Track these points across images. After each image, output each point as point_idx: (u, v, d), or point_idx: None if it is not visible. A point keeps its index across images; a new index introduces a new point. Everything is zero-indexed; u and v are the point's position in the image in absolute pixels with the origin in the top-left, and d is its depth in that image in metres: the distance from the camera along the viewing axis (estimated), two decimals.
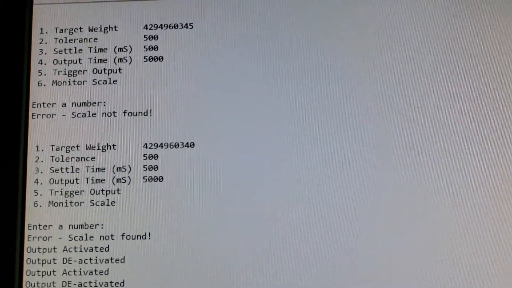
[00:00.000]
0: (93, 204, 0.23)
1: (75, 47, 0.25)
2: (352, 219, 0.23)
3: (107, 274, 0.23)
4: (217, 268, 0.23)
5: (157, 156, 0.24)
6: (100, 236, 0.23)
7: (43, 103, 0.24)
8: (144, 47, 0.25)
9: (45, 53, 0.25)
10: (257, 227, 0.23)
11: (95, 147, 0.24)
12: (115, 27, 0.25)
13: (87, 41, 0.25)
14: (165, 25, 0.25)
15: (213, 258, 0.23)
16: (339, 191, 0.23)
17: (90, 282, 0.23)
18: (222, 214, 0.23)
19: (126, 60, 0.24)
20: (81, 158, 0.24)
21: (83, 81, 0.24)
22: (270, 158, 0.24)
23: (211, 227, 0.23)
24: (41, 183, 0.24)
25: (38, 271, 0.23)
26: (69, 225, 0.23)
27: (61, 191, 0.24)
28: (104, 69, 0.24)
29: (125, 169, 0.24)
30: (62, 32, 0.25)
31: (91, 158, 0.24)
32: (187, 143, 0.24)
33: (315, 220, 0.23)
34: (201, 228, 0.23)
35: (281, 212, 0.23)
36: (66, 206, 0.24)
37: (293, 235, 0.23)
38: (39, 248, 0.23)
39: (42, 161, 0.24)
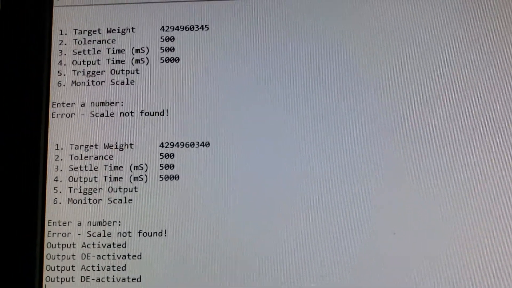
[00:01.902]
0: (111, 201, 0.24)
1: (94, 48, 0.25)
2: (371, 218, 0.23)
3: (124, 269, 0.24)
4: (232, 264, 0.23)
5: (173, 155, 0.24)
6: (118, 233, 0.24)
7: (63, 103, 0.25)
8: (161, 48, 0.25)
9: (65, 54, 0.25)
10: (272, 225, 0.23)
11: (113, 146, 0.24)
12: (132, 28, 0.25)
13: (105, 42, 0.25)
14: (181, 27, 0.25)
15: (228, 255, 0.23)
16: (356, 189, 0.24)
17: (107, 278, 0.24)
18: (237, 212, 0.24)
19: (143, 61, 0.25)
20: (99, 156, 0.24)
21: (101, 82, 0.25)
22: (285, 156, 0.24)
23: (226, 224, 0.24)
24: (61, 181, 0.24)
25: (57, 266, 0.24)
26: (88, 222, 0.24)
27: (80, 189, 0.24)
28: (122, 70, 0.25)
29: (142, 168, 0.24)
30: (81, 33, 0.25)
31: (109, 157, 0.24)
32: (203, 142, 0.24)
33: (332, 218, 0.23)
34: (216, 225, 0.24)
35: (296, 210, 0.24)
36: (85, 203, 0.24)
37: (308, 233, 0.23)
38: (58, 244, 0.24)
39: (61, 160, 0.25)
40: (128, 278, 0.24)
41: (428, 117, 0.24)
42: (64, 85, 0.25)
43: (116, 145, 0.24)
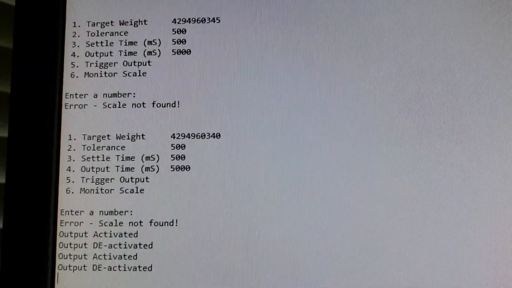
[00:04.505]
0: (123, 191, 0.24)
1: (107, 40, 0.26)
2: (378, 211, 0.24)
3: (136, 258, 0.24)
4: (242, 254, 0.23)
5: (184, 146, 0.25)
6: (129, 222, 0.24)
7: (76, 94, 0.25)
8: (173, 41, 0.25)
9: (78, 46, 0.26)
10: (282, 216, 0.24)
11: (125, 136, 0.25)
12: (144, 21, 0.25)
13: (118, 34, 0.26)
14: (193, 19, 0.25)
15: (238, 244, 0.24)
16: (366, 184, 0.24)
17: (119, 266, 0.24)
18: (246, 202, 0.24)
19: (155, 53, 0.25)
20: (112, 147, 0.25)
21: (114, 73, 0.25)
22: (295, 148, 0.24)
23: (236, 215, 0.24)
24: (73, 171, 0.25)
25: (70, 255, 0.24)
26: (100, 211, 0.24)
27: (92, 179, 0.25)
28: (134, 62, 0.25)
29: (154, 158, 0.25)
30: (94, 25, 0.26)
31: (121, 147, 0.25)
32: (213, 133, 0.25)
33: (342, 211, 0.24)
34: (226, 215, 0.24)
35: (306, 201, 0.24)
36: (97, 193, 0.24)
37: (317, 224, 0.24)
38: (71, 232, 0.24)
39: (74, 150, 0.25)
40: (139, 267, 0.24)
41: (437, 113, 0.24)
42: (77, 76, 0.25)
43: (128, 136, 0.25)
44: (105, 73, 0.25)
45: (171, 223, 0.24)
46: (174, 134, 0.25)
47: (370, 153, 0.24)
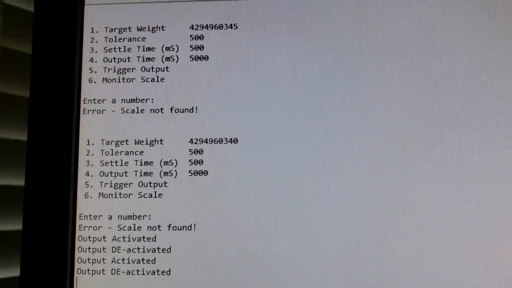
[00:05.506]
0: (141, 196, 0.25)
1: (124, 46, 0.26)
2: (397, 213, 0.24)
3: (154, 263, 0.24)
4: (260, 258, 0.24)
5: (202, 151, 0.25)
6: (148, 227, 0.24)
7: (94, 99, 0.25)
8: (190, 47, 0.26)
9: (96, 52, 0.26)
10: (299, 219, 0.24)
11: (143, 142, 0.25)
12: (162, 27, 0.26)
13: (135, 40, 0.26)
14: (211, 26, 0.26)
15: (256, 248, 0.24)
16: (384, 186, 0.24)
17: (137, 270, 0.24)
18: (264, 206, 0.24)
19: (173, 59, 0.25)
20: (130, 152, 0.25)
21: (132, 79, 0.25)
22: (312, 152, 0.24)
23: (254, 219, 0.24)
24: (92, 176, 0.25)
25: (88, 259, 0.24)
26: (118, 216, 0.25)
27: (111, 183, 0.25)
28: (152, 67, 0.25)
29: (172, 163, 0.25)
30: (112, 31, 0.26)
31: (140, 152, 0.25)
32: (231, 139, 0.25)
33: (361, 215, 0.24)
34: (244, 220, 0.24)
35: (323, 205, 0.24)
36: (116, 197, 0.25)
37: (335, 227, 0.24)
38: (89, 237, 0.25)
39: (92, 155, 0.25)
40: (157, 271, 0.24)
41: (455, 122, 0.24)
42: (95, 82, 0.26)
43: (147, 141, 0.25)
44: (123, 78, 0.26)
45: (189, 228, 0.24)
46: (192, 139, 0.25)
47: (392, 164, 0.24)
